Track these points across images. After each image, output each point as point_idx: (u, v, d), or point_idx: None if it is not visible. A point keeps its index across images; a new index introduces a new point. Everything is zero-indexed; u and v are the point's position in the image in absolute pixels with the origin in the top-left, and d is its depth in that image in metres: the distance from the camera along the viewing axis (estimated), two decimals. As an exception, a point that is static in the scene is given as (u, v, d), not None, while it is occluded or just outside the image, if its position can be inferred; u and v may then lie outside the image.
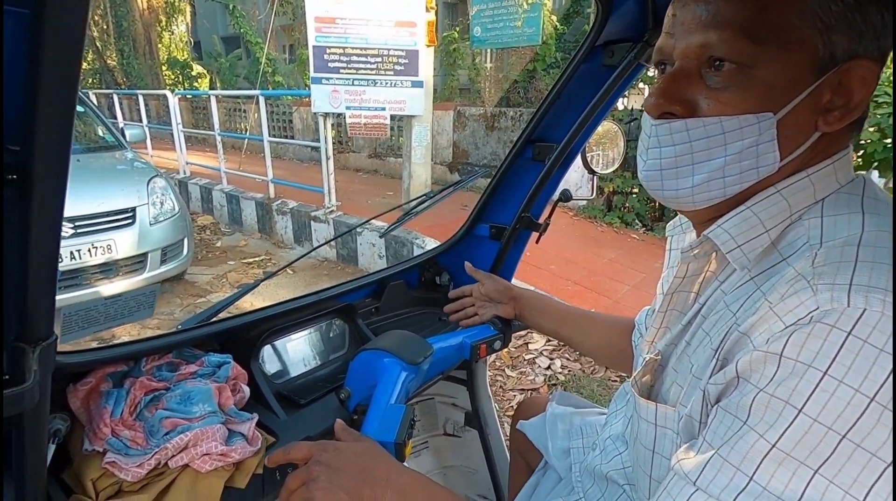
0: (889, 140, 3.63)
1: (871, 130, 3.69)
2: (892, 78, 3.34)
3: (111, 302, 0.74)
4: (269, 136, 5.40)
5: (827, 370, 0.37)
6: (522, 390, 2.55)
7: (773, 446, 0.38)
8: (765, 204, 0.49)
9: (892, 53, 0.49)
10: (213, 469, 0.68)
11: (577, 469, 0.82)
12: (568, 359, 2.76)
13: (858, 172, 0.51)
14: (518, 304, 1.07)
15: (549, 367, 2.72)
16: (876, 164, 3.78)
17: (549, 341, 2.92)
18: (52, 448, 0.63)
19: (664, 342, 0.59)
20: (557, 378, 2.62)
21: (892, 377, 0.35)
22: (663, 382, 0.57)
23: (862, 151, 3.87)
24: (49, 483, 0.65)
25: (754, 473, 0.38)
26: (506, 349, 2.91)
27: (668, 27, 0.52)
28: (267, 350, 0.97)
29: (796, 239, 0.47)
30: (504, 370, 2.72)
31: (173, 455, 0.67)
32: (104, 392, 0.71)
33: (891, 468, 0.36)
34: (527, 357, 2.82)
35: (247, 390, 0.82)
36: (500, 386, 2.59)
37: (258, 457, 0.73)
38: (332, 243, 4.59)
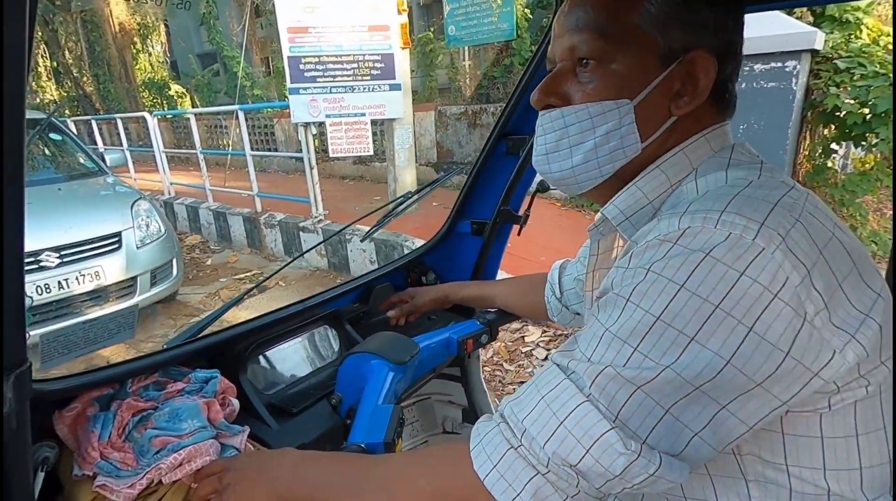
0: (867, 110, 3.67)
1: (851, 101, 3.72)
2: (892, 73, 3.35)
3: (90, 326, 0.74)
4: (252, 149, 5.38)
5: (650, 268, 0.45)
6: (522, 382, 2.56)
7: (607, 330, 0.46)
8: (647, 179, 0.58)
9: (892, 51, 0.54)
10: (206, 483, 0.68)
11: None
12: (565, 349, 2.78)
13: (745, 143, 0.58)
14: (451, 297, 1.18)
15: (545, 358, 2.73)
16: (853, 135, 3.80)
17: (545, 332, 2.93)
18: (41, 476, 0.63)
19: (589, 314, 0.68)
20: (555, 368, 2.63)
21: (701, 270, 0.43)
22: None
23: (838, 123, 3.90)
24: (41, 511, 0.65)
25: (614, 356, 0.45)
26: (502, 344, 2.93)
27: (552, 35, 0.62)
28: (256, 362, 0.97)
29: (678, 202, 0.55)
30: (502, 364, 2.73)
31: (167, 474, 0.67)
32: (91, 417, 0.71)
33: (694, 343, 0.42)
34: (523, 350, 2.83)
35: (236, 403, 0.82)
36: (500, 381, 2.60)
37: (251, 468, 0.74)
38: (324, 251, 4.58)
